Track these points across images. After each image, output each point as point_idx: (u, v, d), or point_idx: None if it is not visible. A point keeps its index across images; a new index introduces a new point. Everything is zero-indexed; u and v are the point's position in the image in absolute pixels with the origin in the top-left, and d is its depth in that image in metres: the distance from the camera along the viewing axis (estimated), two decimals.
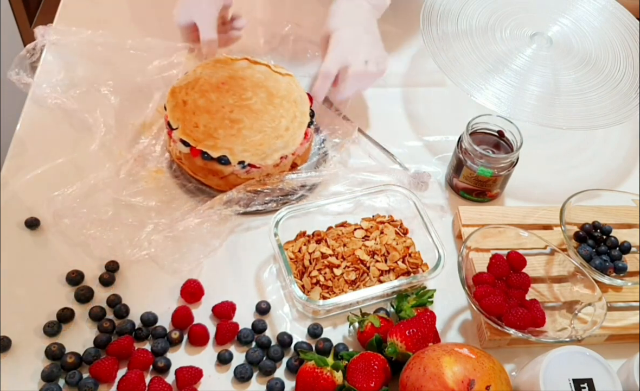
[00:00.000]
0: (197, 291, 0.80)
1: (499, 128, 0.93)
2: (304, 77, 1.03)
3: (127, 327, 0.76)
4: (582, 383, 0.68)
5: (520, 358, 0.80)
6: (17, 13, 1.70)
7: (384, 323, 0.77)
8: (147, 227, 0.84)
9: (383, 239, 0.86)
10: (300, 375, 0.72)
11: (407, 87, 1.10)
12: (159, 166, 0.92)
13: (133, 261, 0.82)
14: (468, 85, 0.97)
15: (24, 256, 0.82)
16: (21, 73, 0.98)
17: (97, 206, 0.86)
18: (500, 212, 0.91)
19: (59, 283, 0.80)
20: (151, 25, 1.11)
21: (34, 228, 0.84)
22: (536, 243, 0.85)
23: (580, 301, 0.80)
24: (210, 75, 0.94)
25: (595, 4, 1.14)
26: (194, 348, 0.77)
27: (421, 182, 0.94)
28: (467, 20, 1.08)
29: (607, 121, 0.97)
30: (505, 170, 0.91)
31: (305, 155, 0.94)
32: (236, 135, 0.88)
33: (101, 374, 0.72)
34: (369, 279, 0.83)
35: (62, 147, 0.92)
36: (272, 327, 0.80)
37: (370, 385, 0.70)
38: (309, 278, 0.82)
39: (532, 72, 1.02)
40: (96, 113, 0.95)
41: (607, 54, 1.07)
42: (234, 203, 0.87)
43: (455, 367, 0.67)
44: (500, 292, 0.79)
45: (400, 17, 1.19)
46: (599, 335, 0.79)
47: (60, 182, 0.87)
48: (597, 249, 0.87)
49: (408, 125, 1.04)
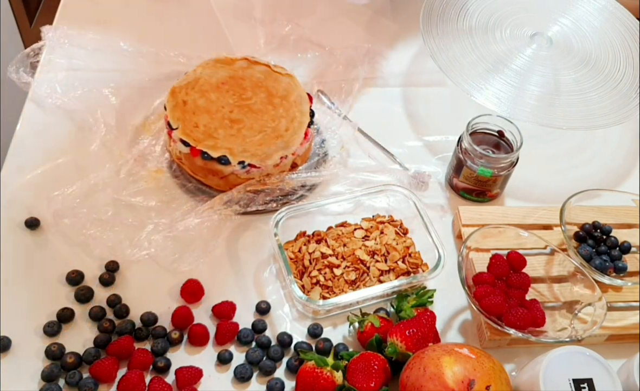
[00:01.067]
0: (197, 291, 0.80)
1: (499, 128, 0.93)
2: (304, 77, 1.03)
3: (127, 327, 0.76)
4: (582, 383, 0.68)
5: (520, 358, 0.80)
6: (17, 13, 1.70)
7: (384, 323, 0.77)
8: (147, 227, 0.84)
9: (383, 239, 0.86)
10: (300, 375, 0.72)
11: (407, 87, 1.10)
12: (159, 166, 0.92)
13: (133, 261, 0.82)
14: (468, 85, 0.97)
15: (24, 256, 0.82)
16: (21, 72, 0.98)
17: (97, 206, 0.86)
18: (500, 212, 0.91)
19: (59, 283, 0.80)
20: (151, 26, 1.11)
21: (34, 228, 0.84)
22: (536, 243, 0.85)
23: (580, 301, 0.80)
24: (210, 75, 0.94)
25: (595, 4, 1.14)
26: (194, 348, 0.77)
27: (421, 182, 0.94)
28: (467, 20, 1.08)
29: (607, 121, 0.97)
30: (505, 170, 0.91)
31: (305, 155, 0.94)
32: (236, 135, 0.88)
33: (101, 374, 0.72)
34: (369, 279, 0.83)
35: (62, 147, 0.92)
36: (272, 327, 0.80)
37: (370, 385, 0.70)
38: (309, 278, 0.82)
39: (532, 72, 1.02)
40: (96, 113, 0.95)
41: (607, 54, 1.07)
42: (234, 203, 0.87)
43: (455, 367, 0.67)
44: (500, 292, 0.79)
45: (400, 16, 1.20)
46: (599, 335, 0.79)
47: (60, 182, 0.87)
48: (597, 249, 0.87)
49: (408, 125, 1.04)
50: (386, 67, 1.11)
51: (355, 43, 1.12)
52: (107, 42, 1.03)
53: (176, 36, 1.10)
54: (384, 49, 1.12)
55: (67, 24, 1.06)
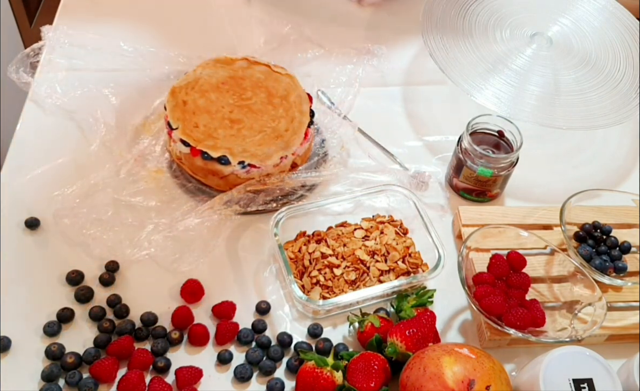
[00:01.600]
0: (197, 291, 0.80)
1: (499, 128, 0.93)
2: (304, 77, 1.03)
3: (127, 327, 0.76)
4: (582, 383, 0.68)
5: (520, 358, 0.80)
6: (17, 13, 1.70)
7: (384, 323, 0.77)
8: (147, 227, 0.84)
9: (383, 239, 0.86)
10: (300, 375, 0.72)
11: (407, 86, 1.10)
12: (159, 166, 0.92)
13: (133, 261, 0.82)
14: (468, 85, 0.97)
15: (24, 256, 0.82)
16: (21, 72, 0.98)
17: (97, 206, 0.86)
18: (500, 212, 0.91)
19: (59, 283, 0.80)
20: (151, 26, 1.11)
21: (34, 228, 0.84)
22: (536, 243, 0.85)
23: (580, 301, 0.80)
24: (210, 75, 0.94)
25: (595, 4, 1.14)
26: (194, 348, 0.77)
27: (421, 182, 0.94)
28: (467, 20, 1.08)
29: (607, 121, 0.97)
30: (505, 170, 0.91)
31: (305, 155, 0.94)
32: (236, 135, 0.88)
33: (101, 374, 0.72)
34: (369, 279, 0.83)
35: (62, 147, 0.92)
36: (272, 327, 0.80)
37: (370, 385, 0.70)
38: (309, 278, 0.82)
39: (532, 72, 1.02)
40: (96, 113, 0.95)
41: (607, 54, 1.07)
42: (234, 203, 0.87)
43: (455, 367, 0.67)
44: (500, 292, 0.79)
45: (400, 16, 1.20)
46: (599, 335, 0.79)
47: (60, 182, 0.87)
48: (597, 249, 0.87)
49: (408, 125, 1.04)
50: (386, 67, 1.11)
51: (355, 43, 1.12)
52: (107, 42, 1.03)
53: (176, 36, 1.10)
54: (384, 49, 1.12)
55: (67, 24, 1.06)
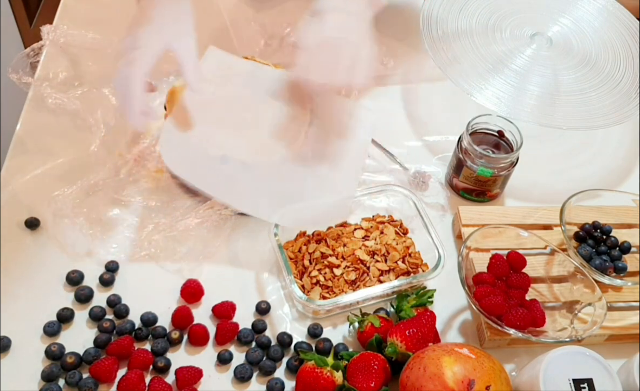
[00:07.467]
0: (197, 291, 0.80)
1: (499, 128, 0.93)
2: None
3: (127, 327, 0.76)
4: (582, 383, 0.68)
5: (520, 358, 0.80)
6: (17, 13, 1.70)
7: (384, 323, 0.77)
8: (147, 227, 0.84)
9: (383, 239, 0.86)
10: (300, 375, 0.72)
11: (407, 87, 1.10)
12: (159, 166, 0.91)
13: (133, 261, 0.82)
14: (468, 85, 0.97)
15: (24, 256, 0.82)
16: (21, 72, 0.98)
17: (97, 206, 0.86)
18: (500, 212, 0.91)
19: (59, 283, 0.80)
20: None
21: (34, 228, 0.84)
22: (536, 243, 0.85)
23: (580, 301, 0.80)
24: None
25: (595, 4, 1.14)
26: (194, 348, 0.77)
27: (421, 182, 0.94)
28: (467, 20, 1.08)
29: (607, 121, 0.97)
30: (505, 170, 0.91)
31: None
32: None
33: (101, 374, 0.72)
34: (369, 279, 0.83)
35: (62, 147, 0.92)
36: (272, 327, 0.80)
37: (370, 385, 0.70)
38: (309, 278, 0.82)
39: (532, 72, 1.02)
40: (96, 113, 0.95)
41: (607, 54, 1.07)
42: None
43: (455, 367, 0.67)
44: (500, 292, 0.79)
45: (400, 16, 1.19)
46: (599, 335, 0.79)
47: (60, 182, 0.87)
48: (597, 249, 0.87)
49: (408, 125, 1.04)
50: (386, 67, 1.11)
51: None
52: (107, 42, 1.03)
53: None
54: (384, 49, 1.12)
55: (67, 24, 1.06)
